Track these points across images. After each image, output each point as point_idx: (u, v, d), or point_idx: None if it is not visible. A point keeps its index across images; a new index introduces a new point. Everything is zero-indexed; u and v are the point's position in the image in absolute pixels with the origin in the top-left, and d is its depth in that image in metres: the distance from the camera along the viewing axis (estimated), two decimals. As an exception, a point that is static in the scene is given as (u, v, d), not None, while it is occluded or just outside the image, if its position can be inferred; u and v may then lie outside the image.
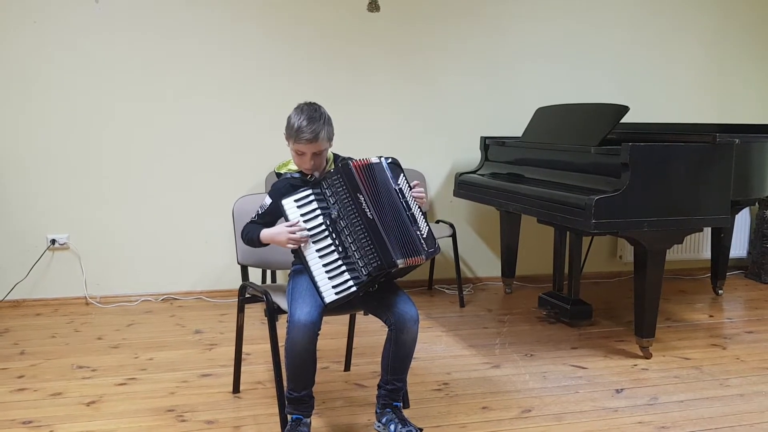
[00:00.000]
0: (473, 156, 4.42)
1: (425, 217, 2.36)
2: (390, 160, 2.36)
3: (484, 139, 4.27)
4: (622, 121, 3.37)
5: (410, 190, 2.36)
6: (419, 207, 2.36)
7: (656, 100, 4.80)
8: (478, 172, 4.21)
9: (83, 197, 4.02)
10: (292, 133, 2.33)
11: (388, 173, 2.33)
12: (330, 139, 2.39)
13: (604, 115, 3.43)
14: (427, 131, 4.45)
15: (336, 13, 4.21)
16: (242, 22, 4.09)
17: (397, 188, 2.32)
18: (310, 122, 2.31)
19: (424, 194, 2.41)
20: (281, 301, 2.45)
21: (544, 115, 4.00)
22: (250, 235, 2.41)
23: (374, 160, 2.33)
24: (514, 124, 4.34)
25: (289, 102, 4.31)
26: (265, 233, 2.36)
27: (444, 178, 4.51)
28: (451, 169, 4.50)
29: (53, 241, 4.00)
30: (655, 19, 4.76)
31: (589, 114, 3.58)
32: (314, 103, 2.40)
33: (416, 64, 4.38)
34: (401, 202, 2.31)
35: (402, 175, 2.37)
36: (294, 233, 2.27)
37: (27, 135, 3.91)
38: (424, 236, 2.30)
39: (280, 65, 4.17)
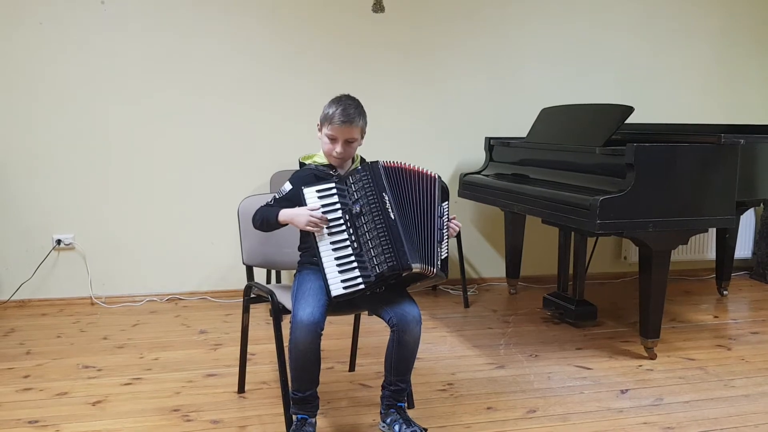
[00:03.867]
0: (478, 156, 4.43)
1: (447, 246, 2.41)
2: (444, 184, 2.44)
3: (488, 140, 4.27)
4: (627, 121, 3.36)
5: (448, 219, 2.42)
6: (447, 235, 2.41)
7: (662, 101, 4.80)
8: (483, 173, 4.21)
9: (89, 197, 4.03)
10: (328, 116, 2.39)
11: (438, 192, 2.39)
12: (363, 131, 2.46)
13: (609, 115, 3.43)
14: (432, 131, 4.46)
15: (341, 13, 4.22)
16: (246, 22, 4.10)
17: (441, 207, 2.38)
18: (347, 108, 2.39)
19: (458, 229, 2.46)
20: (286, 301, 2.45)
21: (548, 116, 3.99)
22: (265, 214, 2.41)
23: (433, 174, 2.41)
24: (518, 125, 4.34)
25: (293, 102, 4.34)
26: (285, 213, 2.36)
27: (448, 178, 4.51)
28: (455, 170, 4.51)
29: (59, 242, 4.01)
30: (661, 20, 4.75)
31: (593, 114, 3.58)
32: (353, 96, 2.48)
33: (420, 65, 4.38)
34: (441, 220, 2.36)
35: (447, 202, 2.43)
36: (314, 216, 2.28)
37: (33, 135, 3.93)
38: (442, 257, 2.35)
39: (284, 65, 4.18)
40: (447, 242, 2.40)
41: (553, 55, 4.59)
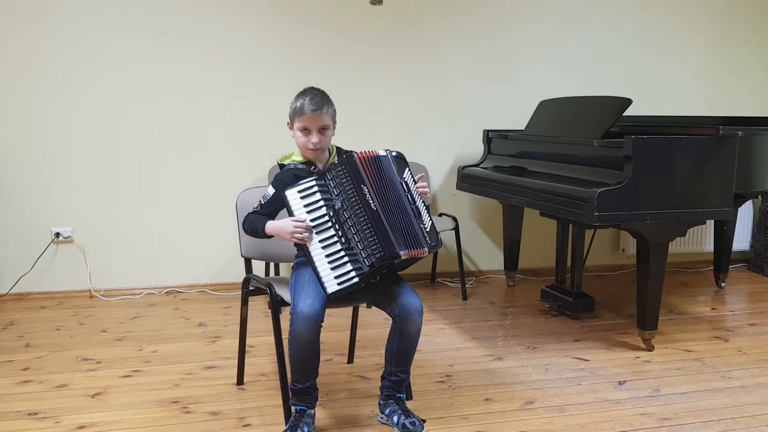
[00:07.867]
0: (476, 149, 4.43)
1: (429, 211, 2.39)
2: (395, 154, 2.38)
3: (486, 132, 4.27)
4: (625, 114, 3.37)
5: (415, 183, 2.37)
6: (423, 201, 2.38)
7: (660, 93, 4.80)
8: (481, 166, 4.21)
9: (87, 191, 4.03)
10: (297, 109, 2.39)
11: (394, 166, 2.34)
12: (333, 118, 2.45)
13: (607, 108, 3.43)
14: (430, 124, 4.46)
15: (339, 6, 4.21)
16: (245, 16, 4.09)
17: (402, 182, 2.33)
18: (314, 97, 2.40)
19: (428, 188, 2.42)
20: (285, 294, 2.46)
21: (546, 108, 4.00)
22: (253, 225, 2.42)
23: (381, 152, 2.35)
24: (516, 117, 4.33)
25: (291, 95, 4.32)
26: (271, 225, 2.37)
27: (447, 171, 4.51)
28: (453, 163, 4.51)
29: (57, 235, 4.01)
30: (660, 11, 4.74)
31: (592, 107, 3.58)
32: (317, 87, 2.47)
33: (419, 57, 4.38)
34: (406, 196, 2.32)
35: (407, 169, 2.39)
36: (299, 228, 2.28)
37: (32, 129, 3.92)
38: (427, 230, 2.32)
39: (282, 59, 4.17)
40: (427, 211, 2.36)
41: (550, 48, 4.58)
